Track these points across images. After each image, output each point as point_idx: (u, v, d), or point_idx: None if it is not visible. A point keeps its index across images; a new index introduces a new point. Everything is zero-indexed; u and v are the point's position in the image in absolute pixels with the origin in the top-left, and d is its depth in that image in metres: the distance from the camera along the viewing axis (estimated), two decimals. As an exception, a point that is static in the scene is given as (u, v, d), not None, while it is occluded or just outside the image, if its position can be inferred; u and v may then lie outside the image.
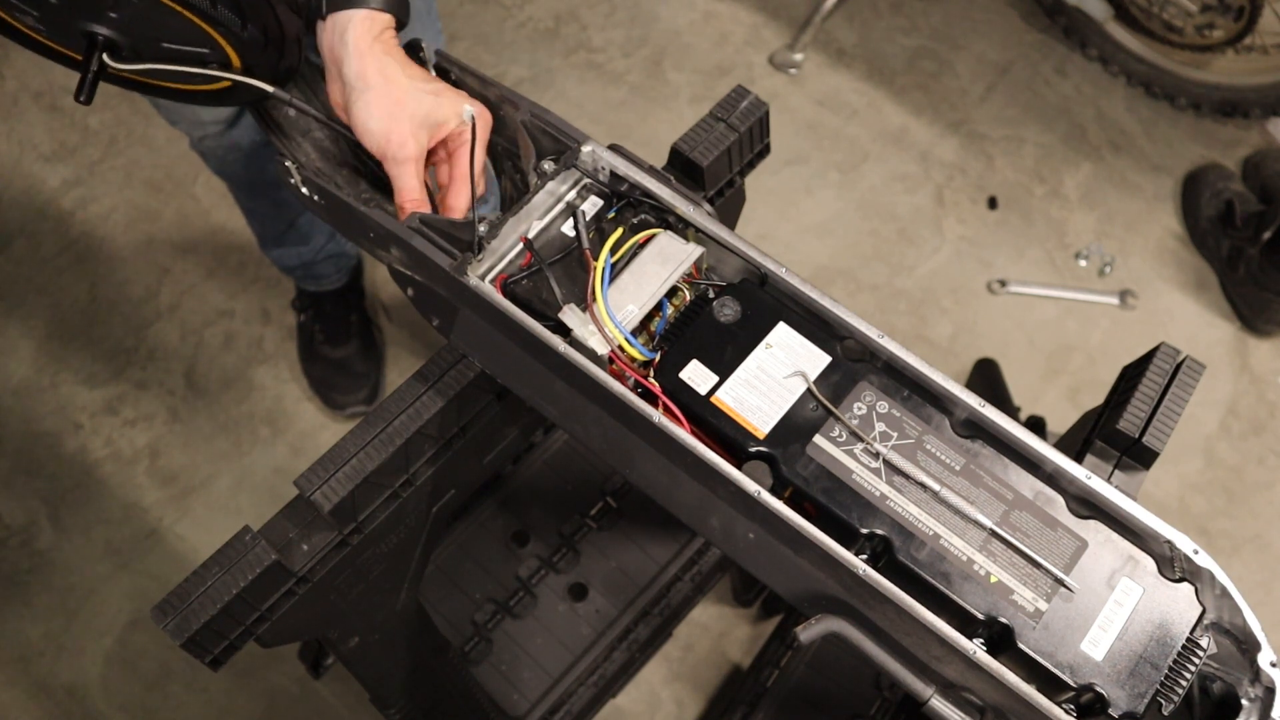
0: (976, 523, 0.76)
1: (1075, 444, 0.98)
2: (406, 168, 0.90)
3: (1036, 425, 1.82)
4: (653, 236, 0.87)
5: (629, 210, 0.89)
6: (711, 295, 0.86)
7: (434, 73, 0.96)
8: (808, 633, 0.76)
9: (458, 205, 0.93)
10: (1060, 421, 1.87)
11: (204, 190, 2.26)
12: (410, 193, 0.91)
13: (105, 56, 0.87)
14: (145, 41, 0.87)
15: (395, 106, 0.89)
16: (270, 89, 0.91)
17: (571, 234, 0.88)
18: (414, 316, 2.14)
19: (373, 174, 0.99)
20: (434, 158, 0.96)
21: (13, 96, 2.38)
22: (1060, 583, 0.74)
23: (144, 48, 0.88)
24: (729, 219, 1.11)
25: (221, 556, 0.87)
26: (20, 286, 2.17)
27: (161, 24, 0.85)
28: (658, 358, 0.83)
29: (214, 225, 2.23)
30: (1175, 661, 0.72)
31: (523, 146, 0.93)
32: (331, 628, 1.03)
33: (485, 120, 0.94)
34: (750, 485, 0.76)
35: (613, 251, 0.85)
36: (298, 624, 0.95)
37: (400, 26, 0.93)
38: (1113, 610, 0.74)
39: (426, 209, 0.92)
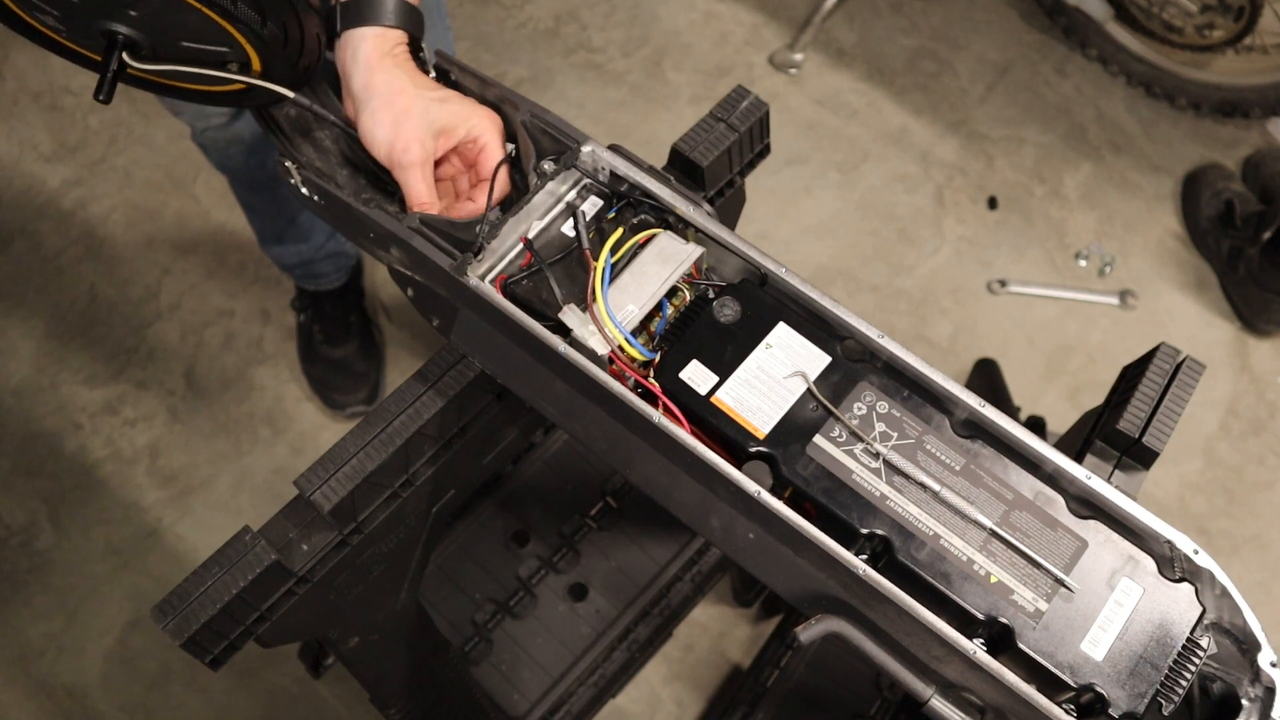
0: (976, 523, 0.76)
1: (1075, 444, 0.98)
2: (412, 172, 0.91)
3: (1036, 425, 1.83)
4: (653, 236, 0.87)
5: (629, 210, 0.89)
6: (711, 295, 0.85)
7: (434, 74, 0.96)
8: (808, 633, 0.76)
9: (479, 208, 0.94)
10: (1060, 421, 1.88)
11: (204, 190, 2.26)
12: (417, 196, 0.92)
13: (125, 55, 0.86)
14: (164, 40, 0.87)
15: (401, 114, 0.90)
16: (290, 94, 0.91)
17: (571, 234, 0.88)
18: (414, 316, 2.15)
19: (373, 174, 0.99)
20: (449, 167, 0.96)
21: (13, 96, 2.38)
22: (1060, 583, 0.74)
23: (163, 46, 0.88)
24: (729, 219, 1.11)
25: (221, 556, 0.87)
26: (20, 286, 2.17)
27: (181, 22, 0.84)
28: (658, 358, 0.83)
29: (214, 225, 2.23)
30: (1175, 661, 0.72)
31: (523, 146, 0.93)
32: (331, 628, 1.03)
33: (498, 125, 0.94)
34: (750, 485, 0.76)
35: (613, 251, 0.85)
36: (298, 624, 0.95)
37: (414, 41, 0.94)
38: (1113, 610, 0.74)
39: (435, 213, 0.92)
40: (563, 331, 0.83)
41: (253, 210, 1.82)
